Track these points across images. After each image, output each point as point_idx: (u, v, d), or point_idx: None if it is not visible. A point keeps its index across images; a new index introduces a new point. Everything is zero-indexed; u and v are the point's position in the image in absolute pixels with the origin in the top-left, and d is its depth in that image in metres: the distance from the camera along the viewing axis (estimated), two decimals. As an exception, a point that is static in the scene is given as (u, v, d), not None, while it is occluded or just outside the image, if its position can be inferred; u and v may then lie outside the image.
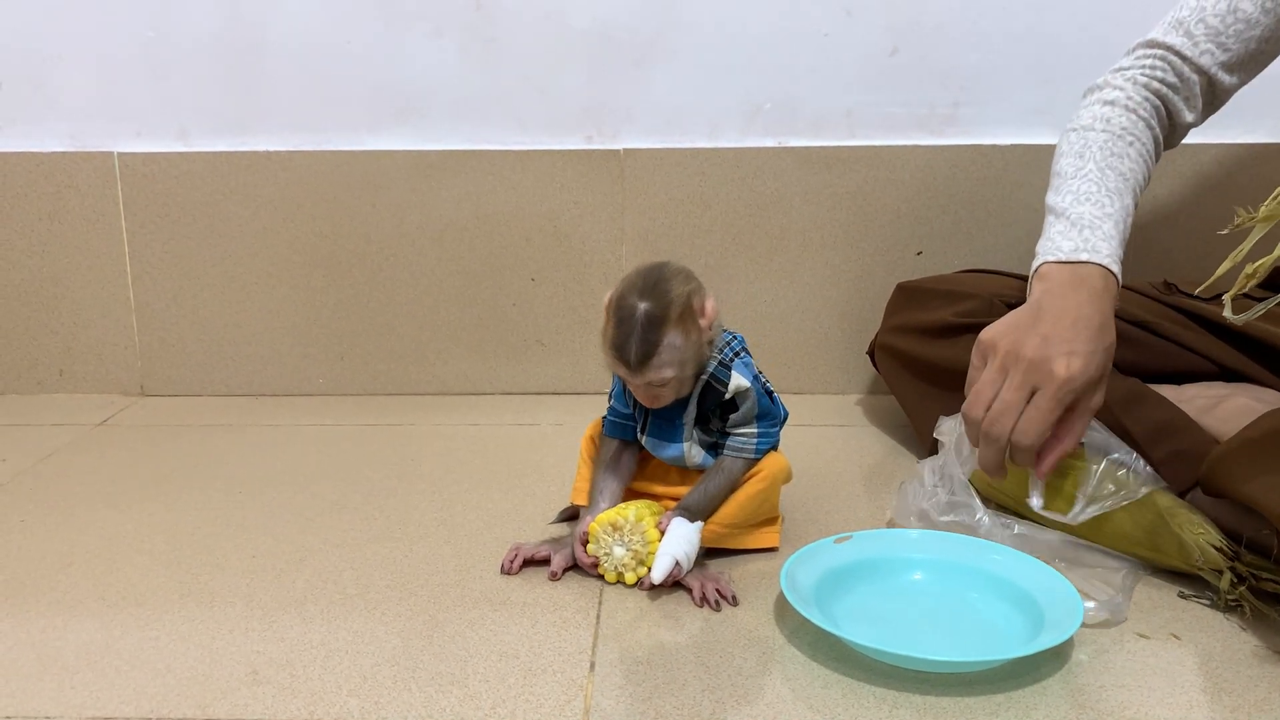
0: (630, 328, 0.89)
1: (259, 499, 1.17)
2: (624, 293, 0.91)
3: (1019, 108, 1.47)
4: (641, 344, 0.89)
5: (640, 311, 0.89)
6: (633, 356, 0.89)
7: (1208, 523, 0.93)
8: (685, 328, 0.91)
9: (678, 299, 0.90)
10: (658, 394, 0.93)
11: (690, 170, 1.49)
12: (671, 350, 0.90)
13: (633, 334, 0.89)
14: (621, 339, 0.89)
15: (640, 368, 0.90)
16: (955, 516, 1.00)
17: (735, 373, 0.96)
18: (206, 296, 1.54)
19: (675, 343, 0.90)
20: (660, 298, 0.90)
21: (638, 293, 0.90)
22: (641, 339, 0.89)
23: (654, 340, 0.89)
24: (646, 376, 0.91)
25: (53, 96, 1.50)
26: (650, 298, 0.90)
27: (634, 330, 0.89)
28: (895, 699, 0.77)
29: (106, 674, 0.81)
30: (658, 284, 0.91)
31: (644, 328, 0.89)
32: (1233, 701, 0.77)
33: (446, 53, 1.48)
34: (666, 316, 0.90)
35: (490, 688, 0.79)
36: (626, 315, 0.90)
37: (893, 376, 1.33)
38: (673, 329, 0.90)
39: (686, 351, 0.91)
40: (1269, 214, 0.84)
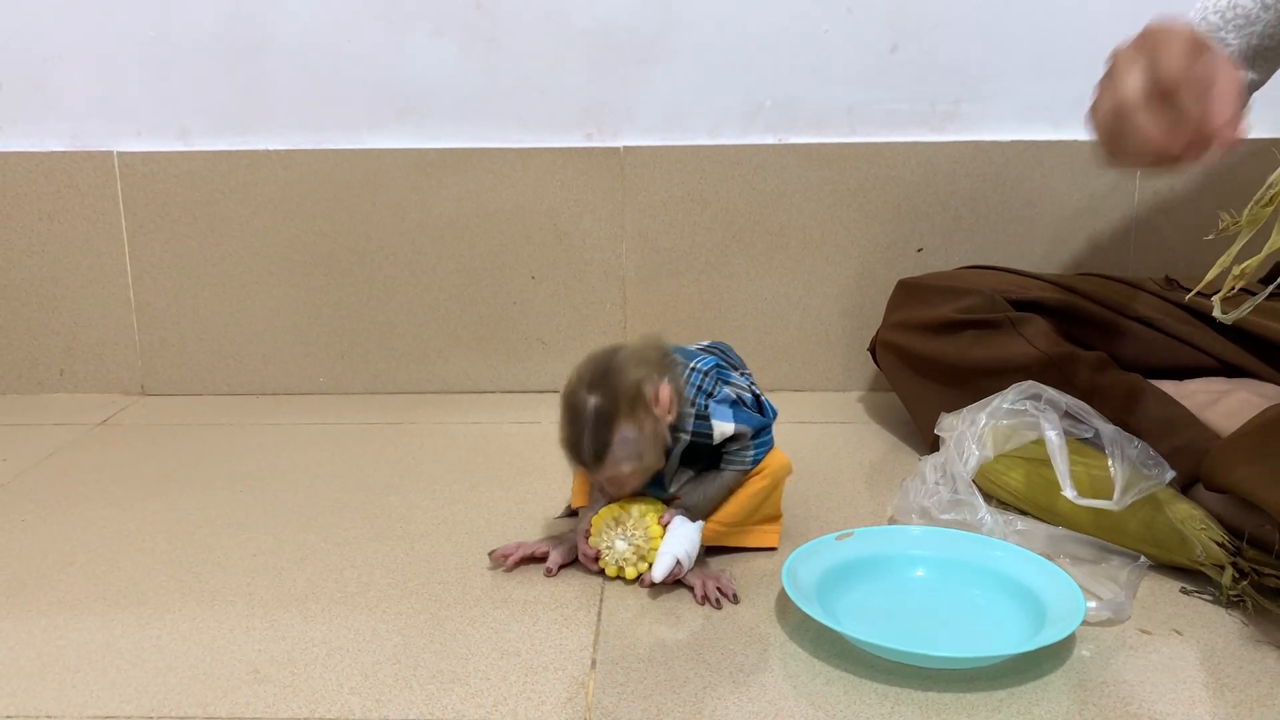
0: (580, 426, 0.87)
1: (260, 498, 1.17)
2: (574, 386, 0.88)
3: (1020, 104, 1.47)
4: (593, 441, 0.86)
5: (590, 407, 0.86)
6: (586, 455, 0.87)
7: (1210, 518, 0.93)
8: (638, 419, 0.88)
9: (626, 391, 0.87)
10: (624, 484, 0.92)
11: (691, 168, 1.49)
12: (625, 445, 0.87)
13: (582, 431, 0.86)
14: (574, 437, 0.87)
15: (596, 465, 0.88)
16: (957, 514, 1.00)
17: (716, 421, 0.93)
18: (207, 296, 1.54)
19: (628, 436, 0.87)
20: (609, 391, 0.87)
21: (586, 385, 0.87)
22: (593, 437, 0.86)
23: (605, 439, 0.87)
24: (605, 473, 0.89)
25: (53, 96, 1.50)
26: (599, 391, 0.87)
27: (584, 428, 0.86)
28: (897, 695, 0.77)
29: (108, 673, 0.81)
30: (606, 374, 0.88)
31: (594, 424, 0.86)
32: (1235, 697, 0.77)
33: (447, 51, 1.48)
34: (616, 410, 0.87)
35: (492, 685, 0.79)
36: (576, 412, 0.87)
37: (894, 373, 1.32)
38: (624, 423, 0.87)
39: (643, 444, 0.88)
40: (1253, 218, 0.84)
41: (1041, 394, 1.04)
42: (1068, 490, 0.95)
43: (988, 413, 1.06)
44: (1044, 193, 1.48)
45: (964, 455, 1.04)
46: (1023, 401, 1.05)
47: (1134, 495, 0.93)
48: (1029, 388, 1.06)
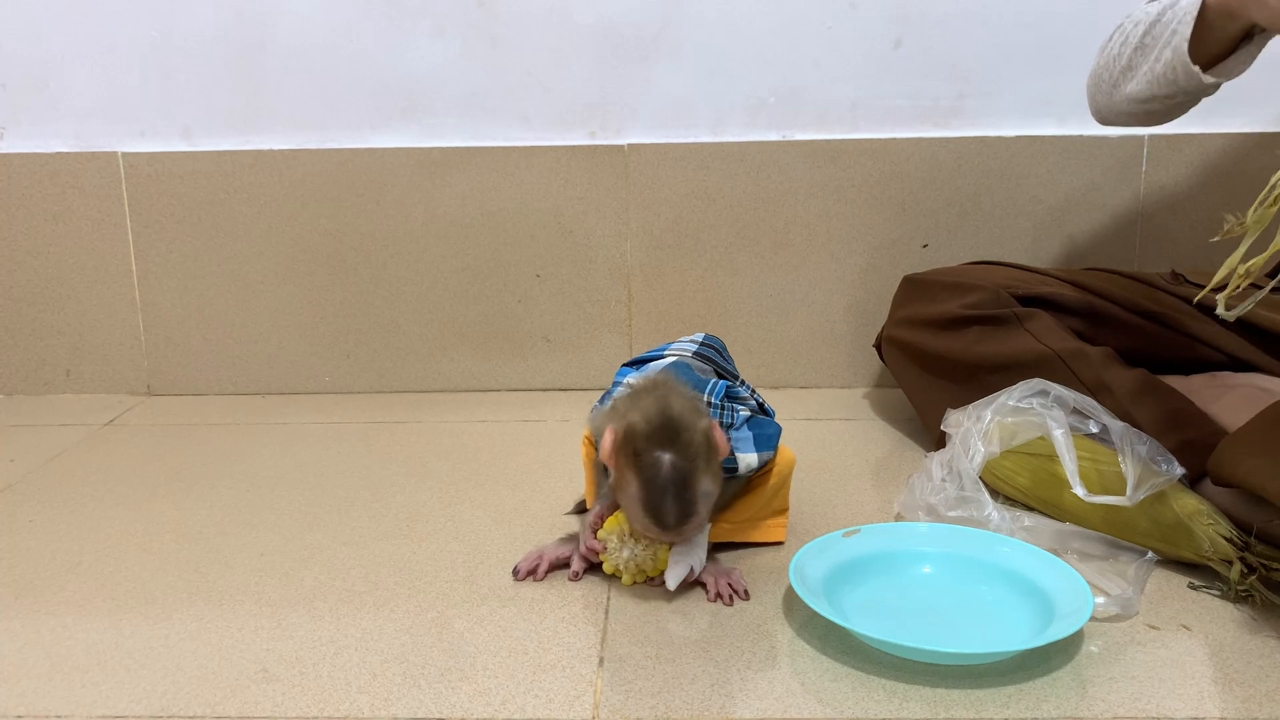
0: (663, 488, 0.83)
1: (266, 497, 1.17)
2: (642, 445, 0.84)
3: (1024, 99, 1.47)
4: (679, 504, 0.84)
5: (669, 470, 0.83)
6: (671, 520, 0.84)
7: (1217, 513, 0.93)
8: (712, 470, 0.86)
9: (699, 446, 0.85)
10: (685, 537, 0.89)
11: (695, 165, 1.49)
12: (706, 500, 0.86)
13: (666, 495, 0.83)
14: (655, 501, 0.84)
15: (679, 527, 0.85)
16: (964, 511, 0.99)
17: (740, 454, 0.93)
18: (212, 295, 1.55)
19: (708, 489, 0.86)
20: (685, 448, 0.84)
21: (660, 443, 0.84)
22: (678, 498, 0.83)
23: (691, 498, 0.84)
24: (683, 533, 0.87)
25: (57, 97, 1.51)
26: (675, 449, 0.84)
27: (667, 491, 0.83)
28: (905, 692, 0.77)
29: (116, 673, 0.81)
30: (679, 432, 0.85)
31: (677, 486, 0.83)
32: (1244, 692, 0.77)
33: (450, 50, 1.48)
34: (697, 469, 0.84)
35: (499, 684, 0.79)
36: (653, 474, 0.84)
37: (900, 369, 1.32)
38: (704, 476, 0.85)
39: (714, 492, 0.87)
40: (1257, 219, 0.84)
41: (1048, 391, 1.04)
42: (1078, 489, 0.95)
43: (993, 409, 1.06)
44: (1049, 188, 1.48)
45: (970, 452, 1.03)
46: (1029, 398, 1.05)
47: (1145, 491, 0.93)
48: (1035, 384, 1.05)
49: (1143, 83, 1.08)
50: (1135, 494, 0.93)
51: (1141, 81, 1.09)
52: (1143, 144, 1.45)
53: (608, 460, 0.88)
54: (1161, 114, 1.13)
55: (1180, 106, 1.12)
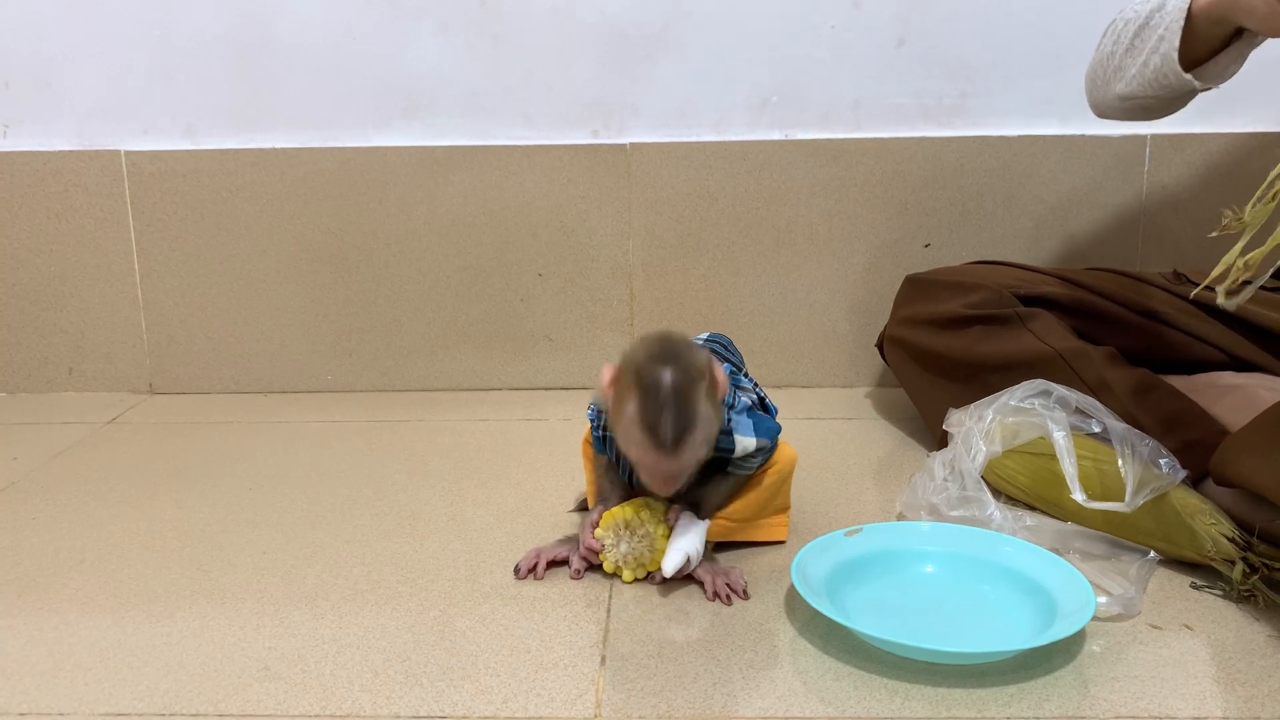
0: (660, 401, 0.80)
1: (268, 495, 1.17)
2: (641, 365, 0.82)
3: (1027, 99, 1.47)
4: (677, 418, 0.80)
5: (669, 382, 0.81)
6: (669, 435, 0.81)
7: (1219, 513, 0.93)
8: (712, 399, 0.84)
9: (702, 367, 0.83)
10: (679, 479, 0.86)
11: (697, 164, 1.49)
12: (705, 425, 0.83)
13: (665, 408, 0.80)
14: (653, 414, 0.81)
15: (676, 448, 0.81)
16: (966, 511, 0.99)
17: (738, 435, 0.91)
18: (214, 294, 1.55)
19: (707, 415, 0.83)
20: (686, 366, 0.82)
21: (659, 361, 0.82)
22: (677, 412, 0.80)
23: (689, 414, 0.81)
24: (680, 459, 0.83)
25: (60, 96, 1.51)
26: (675, 366, 0.81)
27: (665, 404, 0.80)
28: (907, 691, 0.77)
29: (119, 670, 0.82)
30: (679, 353, 0.83)
31: (676, 399, 0.80)
32: (1246, 692, 0.77)
33: (453, 48, 1.48)
34: (697, 386, 0.82)
35: (501, 682, 0.79)
36: (653, 387, 0.81)
37: (902, 369, 1.32)
38: (703, 400, 0.83)
39: (713, 425, 0.85)
40: (1255, 215, 0.84)
41: (1050, 391, 1.04)
42: (1077, 494, 0.95)
43: (995, 409, 1.06)
44: (1051, 187, 1.48)
45: (972, 451, 1.03)
46: (1031, 398, 1.05)
47: (1145, 496, 0.93)
48: (1037, 385, 1.06)
49: (1134, 84, 1.09)
50: (1134, 499, 0.93)
51: (1133, 83, 1.09)
52: (1145, 144, 1.45)
53: (605, 394, 0.86)
54: (1157, 110, 1.13)
55: (1174, 104, 1.12)
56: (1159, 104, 1.11)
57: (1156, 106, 1.12)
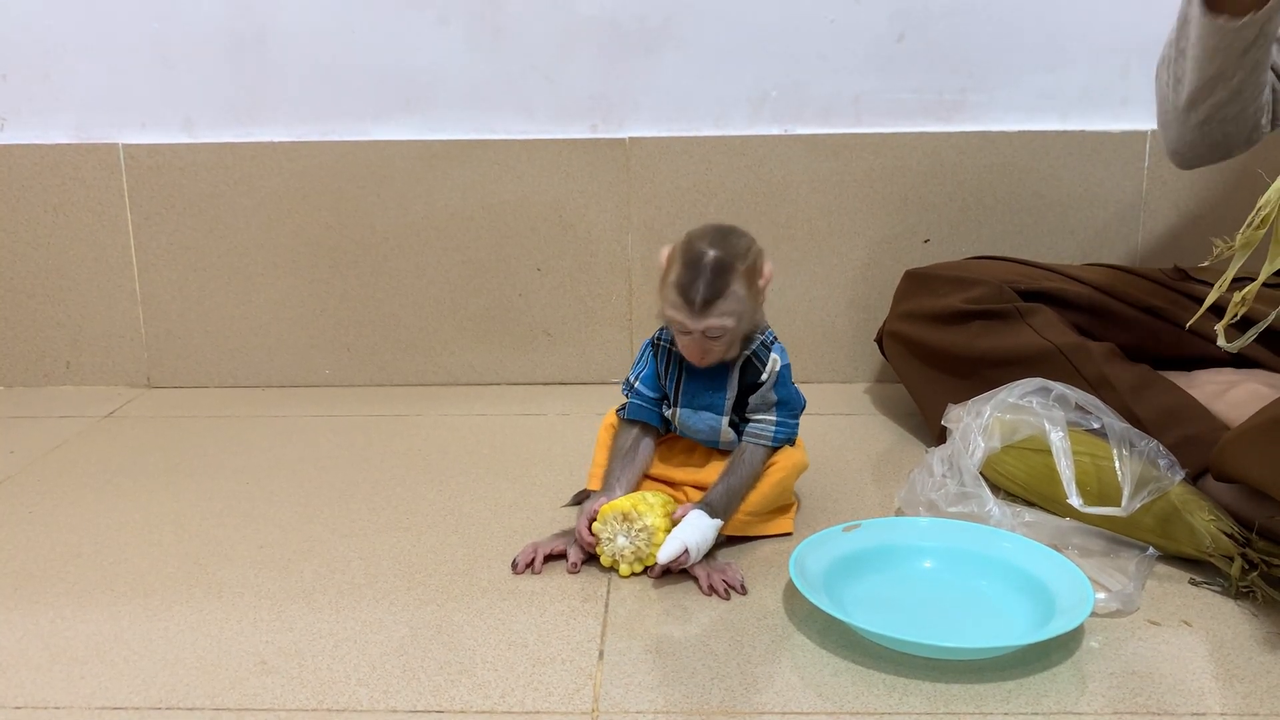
0: (698, 270, 0.90)
1: (266, 490, 1.17)
2: (692, 239, 0.92)
3: (1027, 94, 1.47)
4: (709, 286, 0.90)
5: (710, 256, 0.90)
6: (699, 297, 0.90)
7: (1218, 509, 0.93)
8: (750, 280, 0.92)
9: (744, 252, 0.92)
10: (710, 347, 0.93)
11: (696, 159, 1.48)
12: (736, 299, 0.91)
13: (700, 276, 0.90)
14: (689, 279, 0.90)
15: (704, 310, 0.90)
16: (964, 507, 0.99)
17: (775, 354, 0.98)
18: (212, 288, 1.54)
19: (739, 292, 0.91)
20: (730, 247, 0.91)
21: (708, 240, 0.91)
22: (710, 281, 0.90)
23: (721, 285, 0.90)
24: (708, 321, 0.91)
25: (58, 88, 1.50)
26: (720, 246, 0.91)
27: (702, 273, 0.90)
28: (905, 686, 0.77)
29: (115, 664, 0.81)
30: (728, 236, 0.92)
31: (713, 271, 0.90)
32: (1244, 688, 0.77)
33: (453, 41, 1.47)
34: (734, 265, 0.91)
35: (499, 677, 0.79)
36: (694, 258, 0.90)
37: (901, 364, 1.32)
38: (739, 279, 0.91)
39: (746, 304, 0.92)
40: (1245, 241, 0.83)
41: (1050, 389, 1.04)
42: (1073, 499, 0.95)
43: (993, 405, 1.06)
44: (1051, 183, 1.47)
45: (970, 447, 1.03)
46: (1029, 396, 1.04)
47: (1143, 499, 0.93)
48: (1035, 383, 1.05)
49: (1193, 76, 1.08)
50: (1131, 503, 0.93)
51: (1192, 77, 1.08)
52: (1145, 139, 1.45)
53: (661, 266, 0.94)
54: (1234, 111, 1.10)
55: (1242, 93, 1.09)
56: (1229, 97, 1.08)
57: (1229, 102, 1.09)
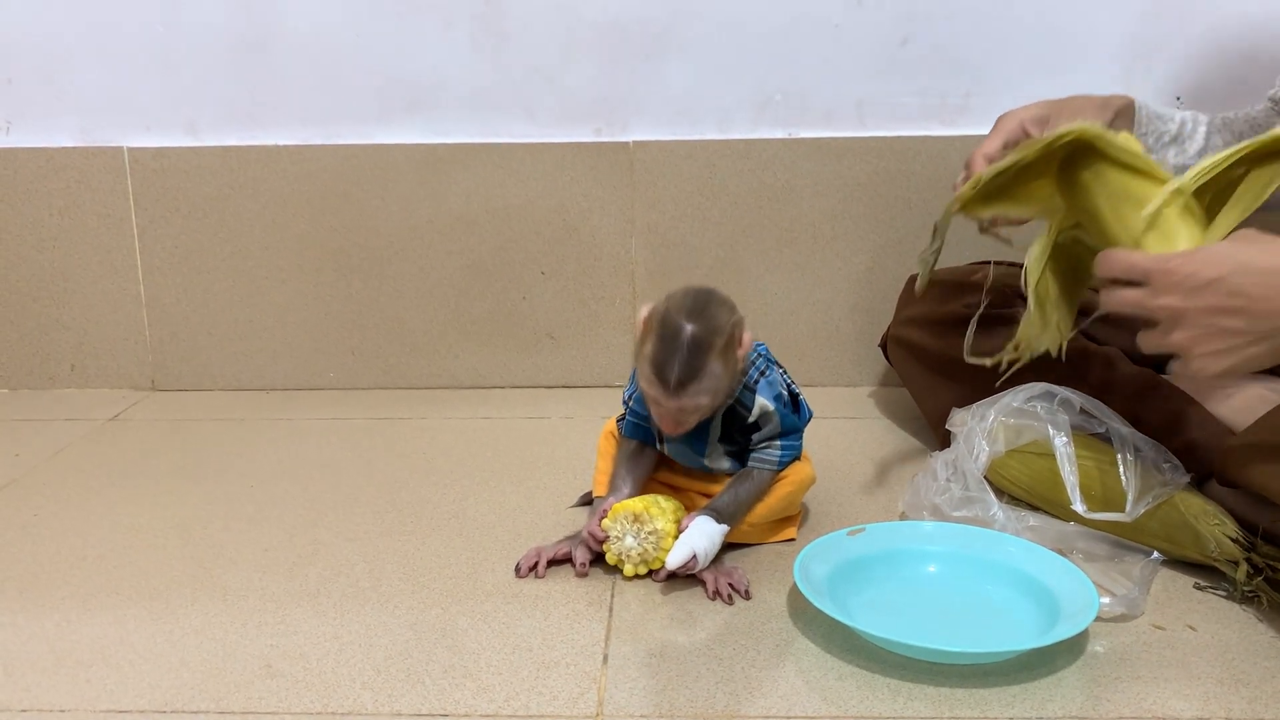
0: (674, 347, 0.86)
1: (270, 493, 1.17)
2: (670, 311, 0.88)
3: (1031, 97, 1.45)
4: (685, 366, 0.86)
5: (686, 333, 0.86)
6: (673, 378, 0.86)
7: (1223, 514, 0.93)
8: (726, 358, 0.89)
9: (724, 327, 0.88)
10: (684, 419, 0.90)
11: (700, 162, 1.48)
12: (712, 378, 0.88)
13: (675, 354, 0.86)
14: (663, 358, 0.87)
15: (678, 391, 0.87)
16: (969, 511, 0.99)
17: (759, 396, 0.95)
18: (217, 291, 1.55)
19: (716, 371, 0.88)
20: (708, 322, 0.87)
21: (685, 313, 0.87)
22: (685, 361, 0.86)
23: (698, 365, 0.87)
24: (681, 401, 0.88)
25: (63, 91, 1.51)
26: (697, 321, 0.87)
27: (678, 351, 0.86)
28: (910, 691, 0.77)
29: (120, 668, 0.81)
30: (706, 308, 0.89)
31: (689, 350, 0.86)
32: (1250, 693, 0.76)
33: (457, 45, 1.47)
34: (712, 343, 0.87)
35: (503, 681, 0.79)
36: (671, 334, 0.87)
37: (905, 369, 1.32)
38: (716, 357, 0.87)
39: (723, 381, 0.89)
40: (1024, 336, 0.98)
41: (1054, 394, 1.04)
42: (1077, 505, 0.95)
43: (997, 409, 1.06)
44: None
45: (974, 452, 1.03)
46: (1034, 401, 1.04)
47: (1147, 504, 0.93)
48: (1040, 387, 1.05)
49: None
50: (1135, 508, 0.93)
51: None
52: (1149, 143, 1.45)
53: (638, 331, 0.91)
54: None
55: None
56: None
57: None
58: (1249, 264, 0.80)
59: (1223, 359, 0.82)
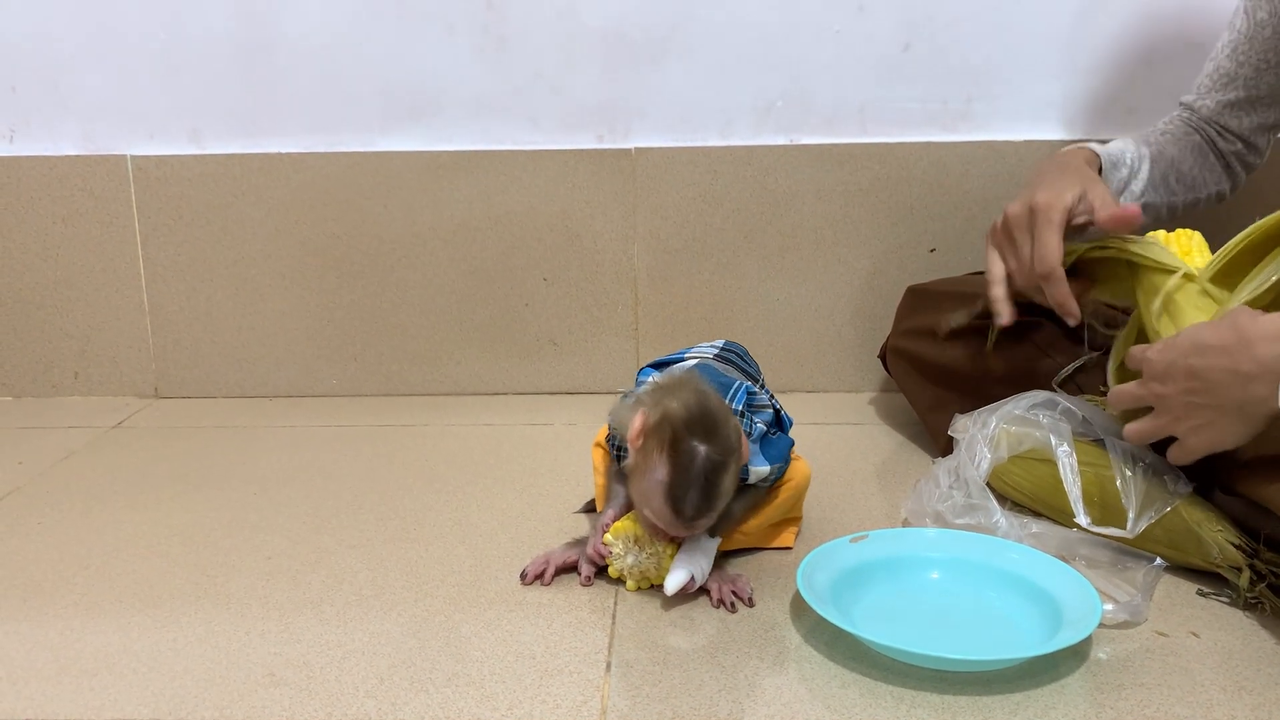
0: (690, 479, 0.83)
1: (274, 500, 1.17)
2: (679, 436, 0.83)
3: (1033, 103, 1.47)
4: (703, 498, 0.84)
5: (704, 461, 0.83)
6: (690, 510, 0.84)
7: (1226, 520, 0.93)
8: (736, 471, 0.87)
9: (735, 445, 0.85)
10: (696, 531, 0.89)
11: (702, 168, 1.49)
12: (725, 498, 0.86)
13: (694, 485, 0.83)
14: (680, 490, 0.83)
15: (694, 521, 0.85)
16: (971, 518, 0.99)
17: (753, 466, 0.93)
18: (220, 298, 1.55)
19: (728, 489, 0.86)
20: (723, 443, 0.84)
21: (701, 434, 0.83)
22: (703, 491, 0.83)
23: (714, 495, 0.84)
24: (694, 527, 0.86)
25: (66, 100, 1.51)
26: (713, 443, 0.84)
27: (695, 481, 0.83)
28: (913, 698, 0.77)
29: (124, 676, 0.82)
30: (719, 425, 0.85)
31: (708, 479, 0.83)
32: (1253, 700, 0.76)
33: (459, 51, 1.48)
34: (729, 467, 0.85)
35: (506, 688, 0.79)
36: (687, 461, 0.83)
37: (905, 380, 1.32)
38: (729, 477, 0.86)
39: (730, 494, 0.87)
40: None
41: (1057, 403, 1.04)
42: (1081, 518, 0.95)
43: (999, 416, 1.06)
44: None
45: (976, 459, 1.03)
46: (1036, 409, 1.04)
47: (1149, 519, 0.93)
48: (1043, 395, 1.05)
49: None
50: (1137, 525, 0.93)
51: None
52: (1151, 148, 1.45)
53: (634, 443, 0.86)
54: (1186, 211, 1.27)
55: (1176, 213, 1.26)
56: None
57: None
58: (1202, 343, 0.87)
59: (1203, 434, 0.88)
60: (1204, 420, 0.87)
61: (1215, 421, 0.87)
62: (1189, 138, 1.22)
